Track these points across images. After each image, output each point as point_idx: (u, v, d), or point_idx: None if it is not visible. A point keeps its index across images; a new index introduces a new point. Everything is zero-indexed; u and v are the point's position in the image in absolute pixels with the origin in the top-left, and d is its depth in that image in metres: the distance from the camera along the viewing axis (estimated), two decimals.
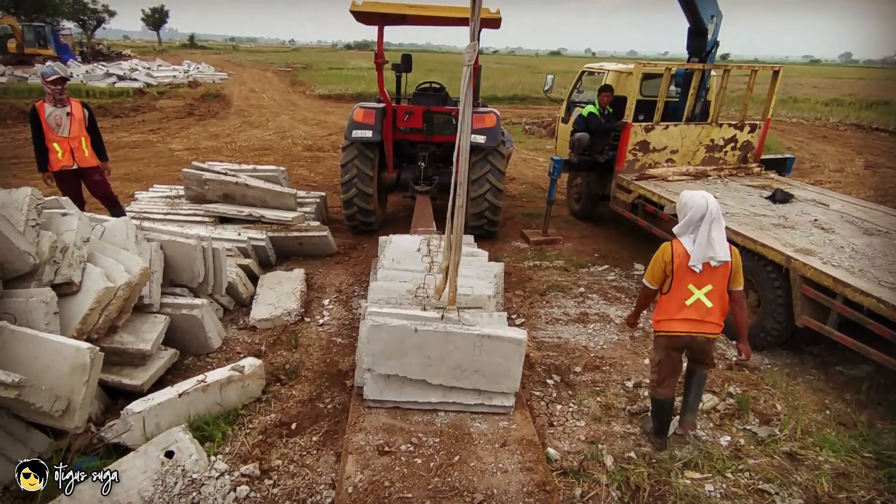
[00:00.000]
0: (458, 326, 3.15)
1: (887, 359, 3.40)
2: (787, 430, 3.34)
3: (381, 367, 3.19)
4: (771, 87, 6.43)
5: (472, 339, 3.11)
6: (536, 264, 6.02)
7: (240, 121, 15.82)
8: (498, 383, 3.20)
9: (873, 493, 2.88)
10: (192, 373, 3.60)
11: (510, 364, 3.17)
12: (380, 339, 3.13)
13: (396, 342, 3.12)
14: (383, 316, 3.20)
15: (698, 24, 6.20)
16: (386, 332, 3.11)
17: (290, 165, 9.84)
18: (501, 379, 3.19)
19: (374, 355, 3.17)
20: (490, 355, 3.14)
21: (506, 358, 3.15)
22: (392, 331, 3.11)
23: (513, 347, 3.13)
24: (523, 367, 3.68)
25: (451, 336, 3.11)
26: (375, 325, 3.12)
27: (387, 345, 3.13)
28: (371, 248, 6.07)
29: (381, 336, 3.12)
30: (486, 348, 3.12)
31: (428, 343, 3.12)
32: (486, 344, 3.12)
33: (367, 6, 5.33)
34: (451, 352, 3.13)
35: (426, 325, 3.14)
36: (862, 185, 10.41)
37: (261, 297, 4.68)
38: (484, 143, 5.99)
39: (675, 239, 2.94)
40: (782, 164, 7.00)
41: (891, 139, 16.28)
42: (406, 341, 3.13)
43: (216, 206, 5.78)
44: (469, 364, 3.15)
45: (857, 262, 3.94)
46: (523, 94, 23.59)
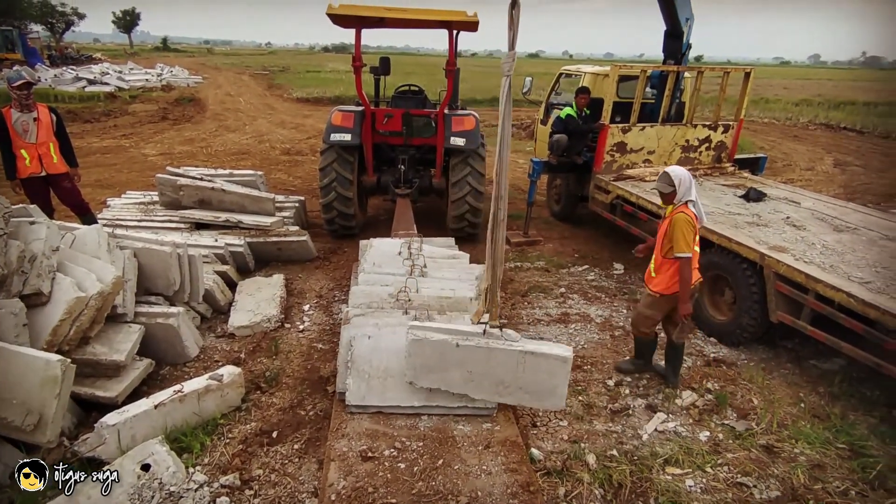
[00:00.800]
0: (501, 342, 3.05)
1: (858, 352, 3.49)
2: (763, 424, 3.40)
3: (422, 380, 3.14)
4: (743, 88, 6.58)
5: (514, 355, 3.02)
6: (518, 265, 6.05)
7: (216, 125, 15.59)
8: (543, 400, 3.12)
9: (848, 483, 2.95)
10: (168, 383, 3.52)
11: (555, 381, 3.05)
12: (421, 353, 3.08)
13: (438, 356, 3.07)
14: (424, 330, 3.13)
15: (675, 26, 6.32)
16: (428, 346, 3.05)
17: (267, 170, 9.73)
18: (546, 396, 3.09)
19: (416, 369, 3.12)
20: (534, 372, 3.05)
21: (550, 375, 3.04)
22: (434, 345, 3.05)
23: (558, 365, 3.02)
24: None
25: (493, 352, 3.04)
26: (416, 340, 3.06)
27: (428, 359, 3.08)
28: (351, 253, 6.03)
29: (422, 350, 3.07)
30: (529, 365, 3.03)
31: (470, 358, 3.06)
32: (529, 361, 3.03)
33: (344, 9, 5.30)
34: (494, 367, 3.06)
35: (468, 341, 3.06)
36: (831, 183, 10.72)
37: (239, 304, 4.60)
38: (464, 146, 6.00)
39: (683, 206, 3.47)
40: (755, 164, 7.17)
41: (858, 138, 16.81)
42: (448, 356, 3.06)
43: (192, 213, 5.68)
44: (512, 380, 3.06)
45: (827, 259, 4.04)
46: None
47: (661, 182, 3.53)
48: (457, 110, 6.49)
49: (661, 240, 3.58)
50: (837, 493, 2.88)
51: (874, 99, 26.10)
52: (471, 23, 5.44)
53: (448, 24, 5.63)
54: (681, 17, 6.24)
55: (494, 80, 32.25)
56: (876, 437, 3.31)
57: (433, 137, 6.28)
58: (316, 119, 17.06)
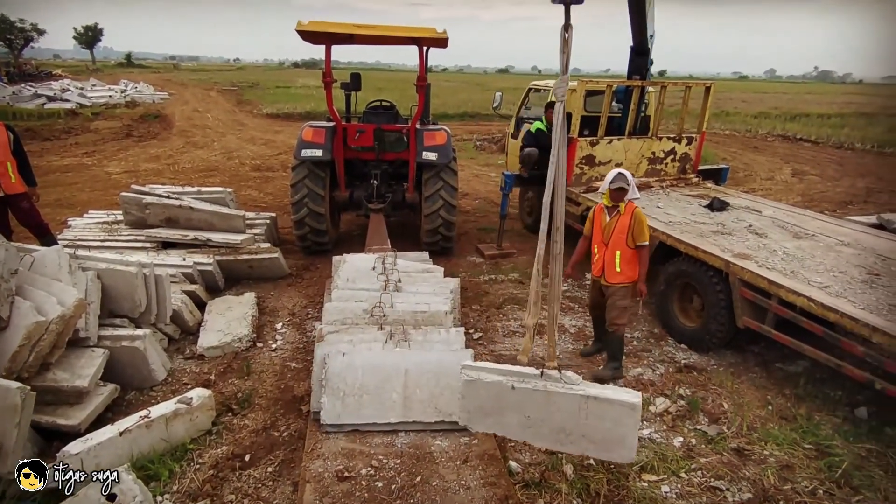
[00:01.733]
0: (560, 385, 2.79)
1: (820, 354, 3.62)
2: (734, 428, 3.48)
3: (478, 424, 2.93)
4: (704, 101, 6.82)
5: (575, 400, 2.76)
6: (492, 278, 6.08)
7: (182, 141, 15.31)
8: (610, 451, 2.80)
9: (815, 482, 3.04)
10: (134, 409, 3.40)
11: (623, 430, 2.73)
12: (475, 396, 2.86)
13: (493, 399, 2.84)
14: (478, 371, 2.91)
15: (642, 42, 6.53)
16: (482, 388, 2.84)
17: (237, 186, 9.58)
18: (614, 447, 2.77)
19: (470, 412, 2.90)
20: (598, 419, 2.75)
21: (616, 423, 2.73)
22: (488, 387, 2.83)
23: (625, 412, 2.70)
24: None
25: (551, 396, 2.78)
26: (470, 381, 2.85)
27: (483, 401, 2.86)
28: (325, 269, 5.96)
29: (476, 392, 2.85)
30: (592, 411, 2.75)
31: (527, 402, 2.81)
32: (592, 407, 2.75)
33: (313, 26, 5.30)
34: (553, 413, 2.79)
35: (524, 383, 2.80)
36: (790, 192, 11.16)
37: (209, 324, 4.49)
38: (436, 160, 6.04)
39: (631, 203, 3.93)
40: (718, 174, 7.41)
41: (814, 148, 17.57)
42: (503, 399, 2.83)
43: (158, 231, 5.54)
44: (574, 428, 2.79)
45: (788, 265, 4.20)
46: (473, 111, 24.00)
47: (621, 181, 3.84)
48: (428, 125, 6.54)
49: (623, 234, 3.92)
50: (806, 493, 2.95)
51: (826, 111, 27.42)
52: (440, 39, 5.52)
53: (418, 40, 5.69)
54: (648, 33, 6.46)
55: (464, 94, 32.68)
56: (840, 436, 3.42)
57: (405, 152, 6.31)
58: (286, 135, 16.92)
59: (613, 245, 3.95)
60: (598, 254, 4.07)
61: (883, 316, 3.39)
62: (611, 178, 3.88)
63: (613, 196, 3.90)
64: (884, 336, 3.20)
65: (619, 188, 3.83)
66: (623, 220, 3.91)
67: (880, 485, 3.01)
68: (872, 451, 3.28)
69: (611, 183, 3.86)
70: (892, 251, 4.60)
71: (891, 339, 3.17)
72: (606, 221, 3.99)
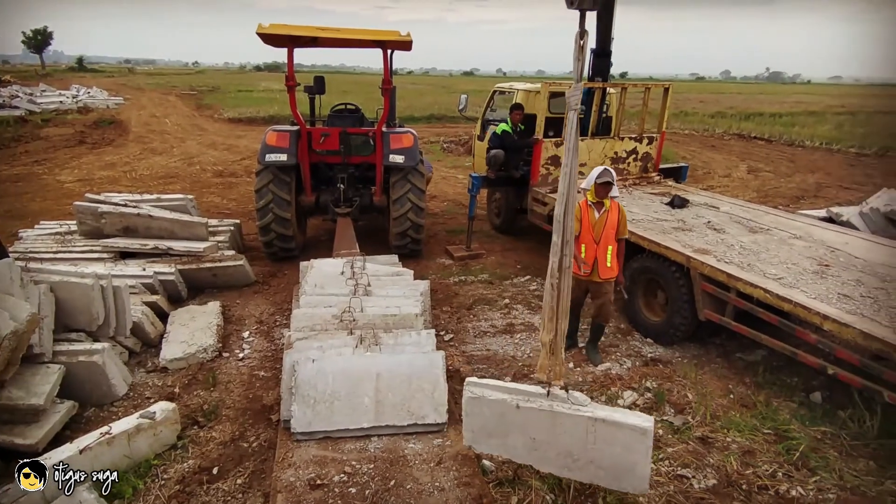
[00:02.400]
0: (567, 406, 2.67)
1: (777, 343, 3.78)
2: (698, 417, 3.60)
3: (481, 445, 2.85)
4: (663, 102, 7.03)
5: (582, 422, 2.62)
6: (462, 279, 6.11)
7: (140, 148, 14.81)
8: (620, 480, 2.64)
9: (775, 465, 3.16)
10: (94, 425, 3.27)
11: (634, 457, 2.56)
12: (479, 414, 2.76)
13: (497, 418, 2.74)
14: (482, 388, 2.81)
15: (606, 45, 6.67)
16: (486, 406, 2.73)
17: (199, 193, 9.34)
18: (624, 475, 2.61)
19: (474, 432, 2.82)
20: (607, 444, 2.60)
21: (627, 449, 2.56)
22: (492, 405, 2.72)
23: (635, 437, 2.53)
24: (454, 382, 3.72)
25: (557, 417, 2.65)
26: (473, 398, 2.76)
27: (487, 421, 2.75)
28: (292, 275, 5.87)
29: (480, 410, 2.75)
30: (601, 436, 2.60)
31: (532, 423, 2.69)
32: (600, 430, 2.59)
33: (274, 28, 5.22)
34: (559, 435, 2.66)
35: (529, 402, 2.69)
36: (746, 188, 11.60)
37: (172, 336, 4.36)
38: (402, 163, 6.03)
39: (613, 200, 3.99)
40: (678, 173, 7.63)
41: (767, 146, 18.31)
42: (508, 418, 2.72)
43: (116, 241, 5.35)
44: (582, 453, 2.64)
45: (745, 258, 4.36)
46: (440, 114, 24.05)
47: (607, 175, 3.89)
48: (395, 128, 6.53)
49: (613, 230, 4.00)
50: (766, 476, 3.07)
51: (778, 110, 28.63)
52: (404, 42, 5.52)
53: (381, 43, 5.68)
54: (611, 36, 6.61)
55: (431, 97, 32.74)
56: (797, 420, 3.58)
57: (371, 155, 6.28)
58: (250, 140, 16.58)
59: (605, 241, 4.02)
60: (586, 252, 4.07)
61: (833, 304, 3.56)
62: (596, 172, 3.91)
63: (599, 191, 3.95)
64: (834, 324, 3.36)
65: (605, 182, 3.88)
66: (612, 216, 3.99)
67: (835, 465, 3.16)
68: (827, 434, 3.44)
69: (597, 178, 3.89)
70: (841, 243, 4.84)
71: (841, 327, 3.33)
72: (595, 218, 4.03)
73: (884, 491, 2.97)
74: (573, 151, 2.56)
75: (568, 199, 2.62)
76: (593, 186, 3.95)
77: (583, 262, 4.05)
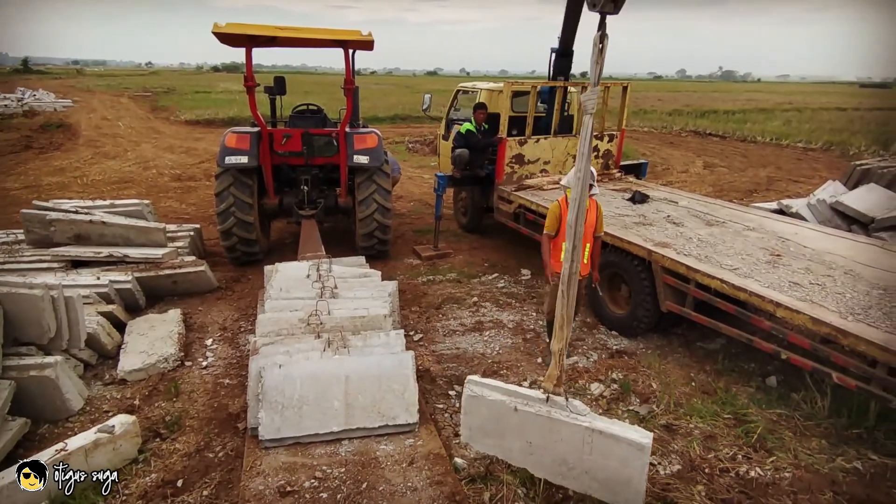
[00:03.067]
0: (565, 414, 2.62)
1: (734, 331, 3.93)
2: (662, 405, 3.70)
3: (478, 443, 2.84)
4: (622, 100, 7.20)
5: (579, 431, 2.56)
6: (430, 279, 6.10)
7: (91, 152, 14.19)
8: (615, 494, 2.58)
9: (735, 448, 3.29)
10: (49, 442, 3.12)
11: (629, 472, 2.50)
12: (477, 413, 2.73)
13: (495, 419, 2.70)
14: (482, 387, 2.76)
15: (569, 45, 6.78)
16: (484, 405, 2.70)
17: (156, 198, 9.02)
18: (619, 489, 2.54)
19: (472, 429, 2.80)
20: (603, 456, 2.54)
21: (622, 463, 2.50)
22: (490, 405, 2.69)
23: (632, 452, 2.47)
24: (424, 382, 3.72)
25: (554, 424, 2.61)
26: (472, 396, 2.74)
27: (485, 420, 2.73)
28: (256, 280, 5.75)
29: (479, 409, 2.72)
30: (597, 447, 2.54)
31: (529, 427, 2.65)
32: (597, 442, 2.54)
33: (231, 28, 5.09)
34: (556, 442, 2.62)
35: (527, 406, 2.65)
36: (702, 183, 12.00)
37: (130, 346, 4.20)
38: (367, 164, 5.98)
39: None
40: (638, 169, 7.84)
41: (721, 142, 19.01)
42: (505, 420, 2.69)
43: (67, 249, 5.12)
44: (577, 462, 2.59)
45: (703, 251, 4.51)
46: (404, 114, 23.97)
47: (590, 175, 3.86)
48: (358, 128, 6.46)
49: (592, 227, 3.96)
50: (727, 459, 3.19)
51: (731, 107, 29.75)
52: (365, 41, 5.47)
53: (342, 42, 5.61)
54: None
55: (394, 97, 32.61)
56: (754, 404, 3.73)
57: (335, 156, 6.20)
58: (208, 142, 16.13)
59: (584, 239, 3.88)
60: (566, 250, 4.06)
61: (784, 292, 3.73)
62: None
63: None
64: (786, 310, 3.52)
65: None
66: (591, 214, 3.91)
67: (790, 445, 3.31)
68: (782, 416, 3.60)
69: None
70: (791, 233, 5.07)
71: (792, 313, 3.48)
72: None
73: (835, 467, 3.12)
74: (587, 157, 2.49)
75: (580, 205, 2.56)
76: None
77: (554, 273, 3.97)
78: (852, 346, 3.18)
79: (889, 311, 3.45)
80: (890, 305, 3.53)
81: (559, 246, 3.94)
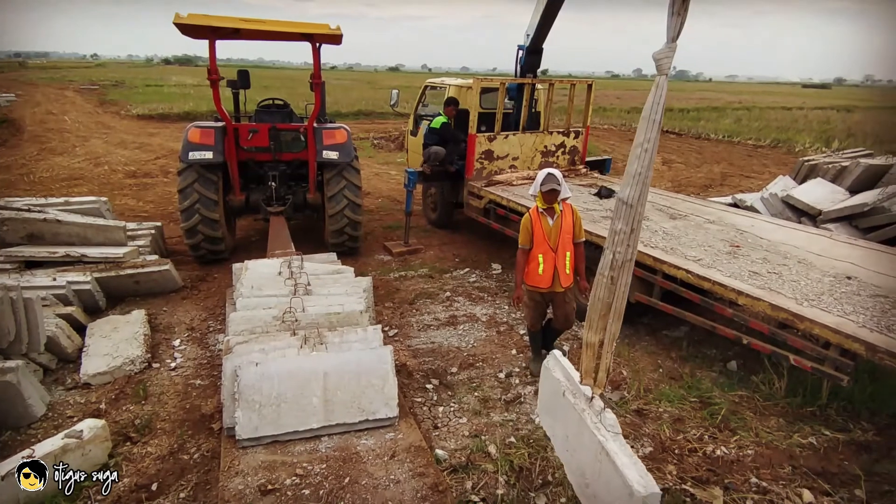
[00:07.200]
0: (594, 420, 2.47)
1: (698, 319, 4.10)
2: (633, 392, 3.84)
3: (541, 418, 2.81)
4: (587, 98, 7.37)
5: (595, 445, 2.42)
6: (402, 275, 6.10)
7: (36, 148, 13.45)
8: None
9: (701, 429, 3.45)
10: (12, 450, 2.97)
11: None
12: (544, 387, 2.69)
13: (551, 397, 2.60)
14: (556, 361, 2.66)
15: (539, 43, 6.87)
16: (549, 381, 2.61)
17: (111, 196, 8.61)
18: None
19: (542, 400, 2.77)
20: (605, 481, 2.37)
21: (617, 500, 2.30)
22: (552, 383, 2.57)
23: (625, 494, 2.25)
24: (401, 376, 3.74)
25: (583, 426, 2.48)
26: (545, 367, 2.73)
27: (547, 397, 2.66)
28: (223, 278, 5.61)
29: (545, 383, 2.67)
30: (604, 468, 2.36)
31: (568, 419, 2.54)
32: (604, 463, 2.36)
33: (193, 19, 4.93)
34: (579, 447, 2.50)
35: (572, 397, 2.51)
36: (662, 179, 12.43)
37: (92, 349, 4.03)
38: (337, 159, 5.92)
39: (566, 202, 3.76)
40: (602, 165, 8.04)
41: (678, 139, 19.68)
42: (556, 402, 2.58)
43: (20, 250, 4.86)
44: (591, 479, 2.43)
45: (668, 243, 4.69)
46: (368, 110, 23.73)
47: (552, 182, 3.57)
48: (326, 123, 6.39)
49: (569, 234, 3.71)
50: (695, 440, 3.35)
51: (685, 105, 30.83)
52: (334, 35, 5.41)
53: (311, 36, 5.52)
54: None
55: (357, 93, 32.23)
56: (717, 387, 3.91)
57: (303, 152, 6.11)
58: (164, 137, 15.55)
59: (562, 248, 3.72)
60: (544, 262, 3.73)
61: (745, 281, 3.92)
62: (540, 179, 3.60)
63: (546, 198, 3.63)
64: (747, 298, 3.71)
65: (550, 190, 3.57)
66: (566, 220, 3.71)
67: (752, 424, 3.49)
68: (744, 397, 3.79)
69: (541, 185, 3.59)
70: (748, 226, 5.33)
71: (752, 301, 3.68)
72: (550, 225, 3.70)
73: (793, 443, 3.32)
74: (657, 124, 2.18)
75: (645, 180, 2.24)
76: (539, 194, 3.64)
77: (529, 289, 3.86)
78: (808, 330, 3.38)
79: (839, 296, 3.69)
80: (840, 291, 3.77)
81: (536, 258, 3.73)
